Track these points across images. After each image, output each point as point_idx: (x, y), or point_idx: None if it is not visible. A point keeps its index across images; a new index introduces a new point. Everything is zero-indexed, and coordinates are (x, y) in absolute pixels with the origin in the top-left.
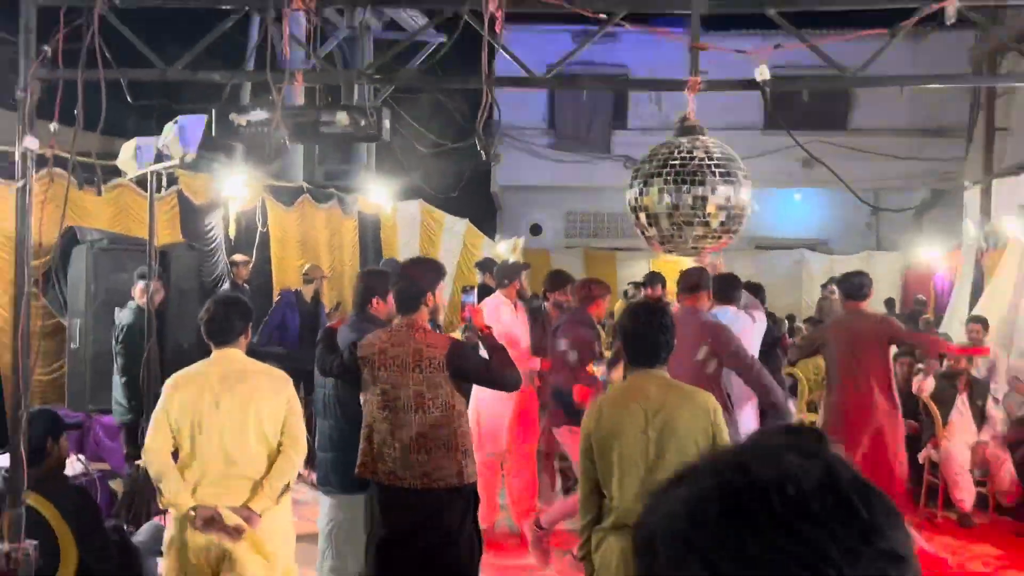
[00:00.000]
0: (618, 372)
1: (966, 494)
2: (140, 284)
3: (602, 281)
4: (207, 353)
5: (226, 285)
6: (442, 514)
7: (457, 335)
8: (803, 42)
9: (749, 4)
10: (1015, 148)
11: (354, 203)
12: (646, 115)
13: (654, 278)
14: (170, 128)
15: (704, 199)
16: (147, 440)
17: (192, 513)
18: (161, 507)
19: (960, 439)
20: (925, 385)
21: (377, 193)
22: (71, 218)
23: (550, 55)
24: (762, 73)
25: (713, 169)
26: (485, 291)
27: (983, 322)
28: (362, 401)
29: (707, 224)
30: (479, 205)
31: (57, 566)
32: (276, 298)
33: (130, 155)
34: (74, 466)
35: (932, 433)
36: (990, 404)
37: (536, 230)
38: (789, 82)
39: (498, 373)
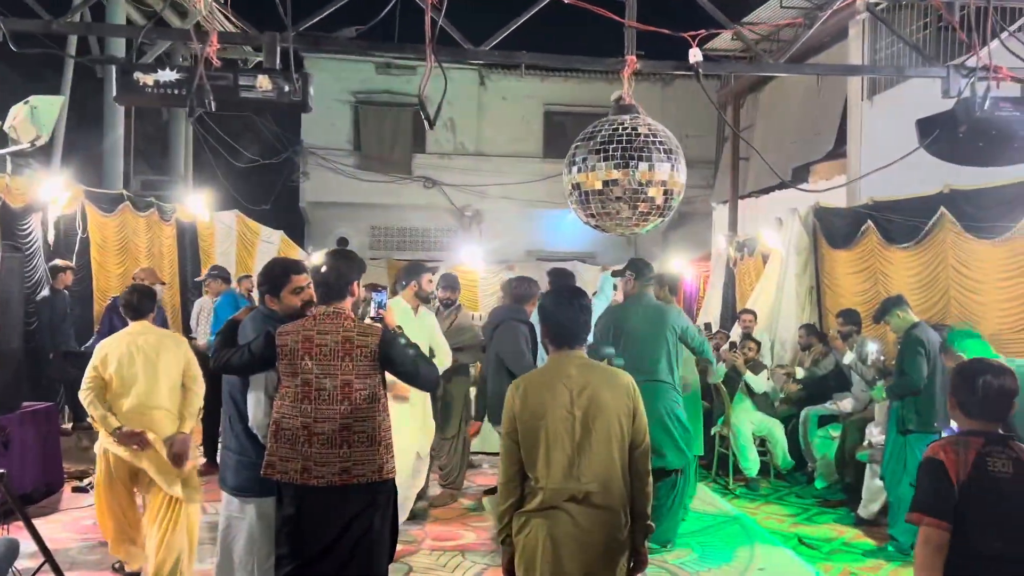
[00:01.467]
0: None
1: (751, 463)
2: None
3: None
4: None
5: (45, 291)
6: (362, 512)
7: None
8: (729, 28)
9: None
10: (755, 175)
11: (173, 211)
12: (443, 140)
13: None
14: (20, 109)
15: (649, 176)
16: (83, 383)
17: (119, 431)
18: (94, 427)
19: (744, 416)
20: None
21: (195, 202)
22: None
23: (354, 83)
24: (695, 56)
25: (658, 146)
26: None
27: (754, 313)
28: (254, 400)
29: (650, 201)
30: (289, 218)
31: None
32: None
33: None
34: None
35: (722, 412)
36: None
37: (343, 243)
38: (717, 65)
39: (423, 368)
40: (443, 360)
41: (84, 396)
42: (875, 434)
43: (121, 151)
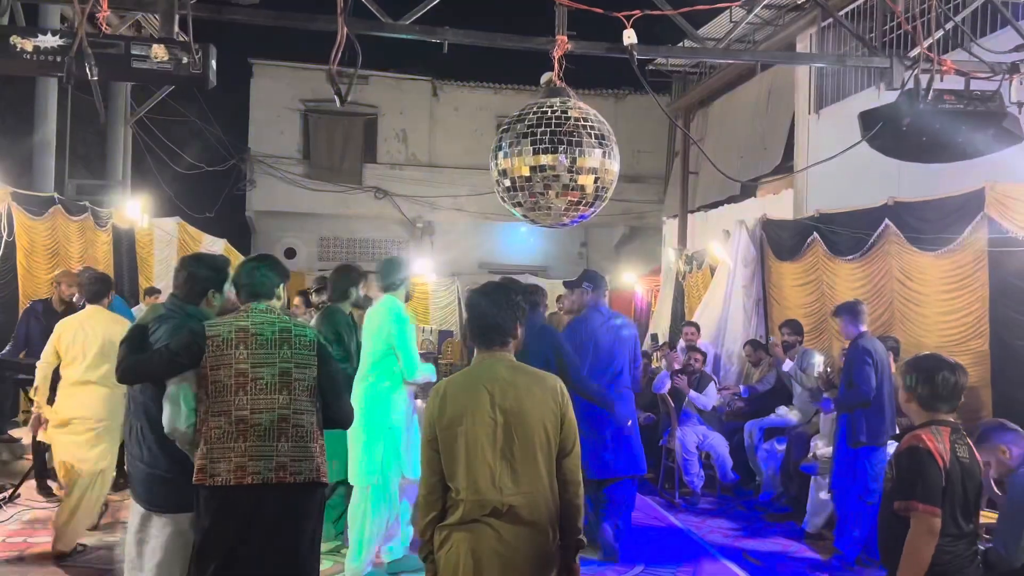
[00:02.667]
0: None
1: (695, 477)
2: None
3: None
4: None
5: None
6: (295, 513)
7: None
8: (665, 11)
9: None
10: (704, 189)
11: (109, 217)
12: (394, 151)
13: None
14: None
15: (577, 162)
16: (42, 357)
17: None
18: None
19: (689, 429)
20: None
21: (132, 208)
22: None
23: (304, 91)
24: (629, 37)
25: (589, 131)
26: None
27: (695, 325)
28: (172, 407)
29: (581, 189)
30: (234, 227)
31: None
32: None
33: None
34: None
35: (668, 424)
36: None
37: (290, 253)
38: (652, 49)
39: (347, 396)
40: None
41: (39, 370)
42: (820, 446)
43: (52, 151)
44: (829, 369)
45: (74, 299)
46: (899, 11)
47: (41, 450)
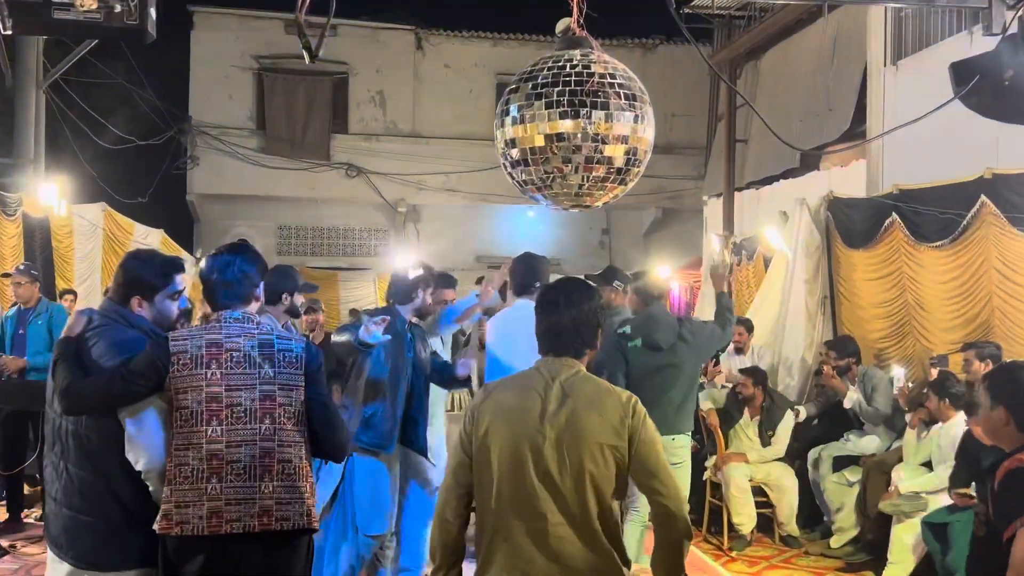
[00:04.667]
0: None
1: (745, 518)
2: None
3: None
4: None
5: None
6: (282, 567)
7: None
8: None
9: None
10: (755, 161)
11: (18, 204)
12: (369, 118)
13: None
14: None
15: (606, 129)
16: None
17: None
18: None
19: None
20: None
21: (47, 193)
22: None
23: (257, 45)
24: None
25: (617, 90)
26: None
27: (746, 323)
28: (146, 437)
29: (608, 162)
30: (172, 214)
31: None
32: None
33: None
34: None
35: (713, 451)
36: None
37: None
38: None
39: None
40: None
41: None
42: (903, 479)
43: None
44: (912, 383)
45: None
46: None
47: None
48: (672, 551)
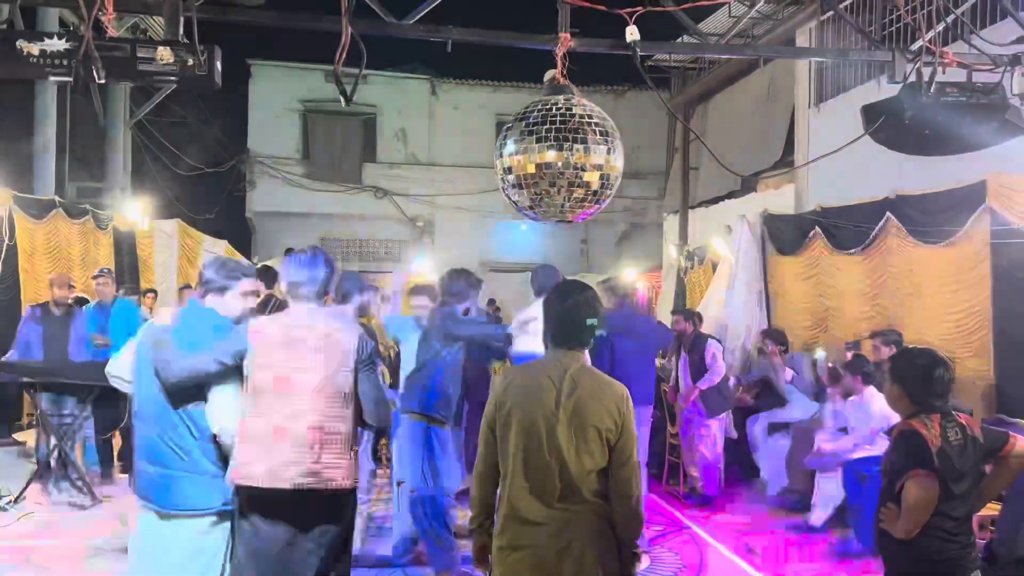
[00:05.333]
0: None
1: (698, 472)
2: None
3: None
4: None
5: None
6: (326, 520)
7: None
8: (667, 7)
9: None
10: (704, 184)
11: (109, 220)
12: (393, 150)
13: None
14: None
15: (584, 159)
16: None
17: None
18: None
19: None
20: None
21: (133, 210)
22: None
23: (302, 91)
24: (632, 34)
25: (594, 127)
26: None
27: (695, 317)
28: (220, 404)
29: (586, 186)
30: (234, 228)
31: None
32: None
33: None
34: None
35: (673, 419)
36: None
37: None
38: (655, 45)
39: (383, 400)
40: None
41: None
42: (824, 441)
43: (53, 155)
44: (831, 364)
45: (68, 301)
46: (900, 3)
47: (46, 454)
48: (631, 515)
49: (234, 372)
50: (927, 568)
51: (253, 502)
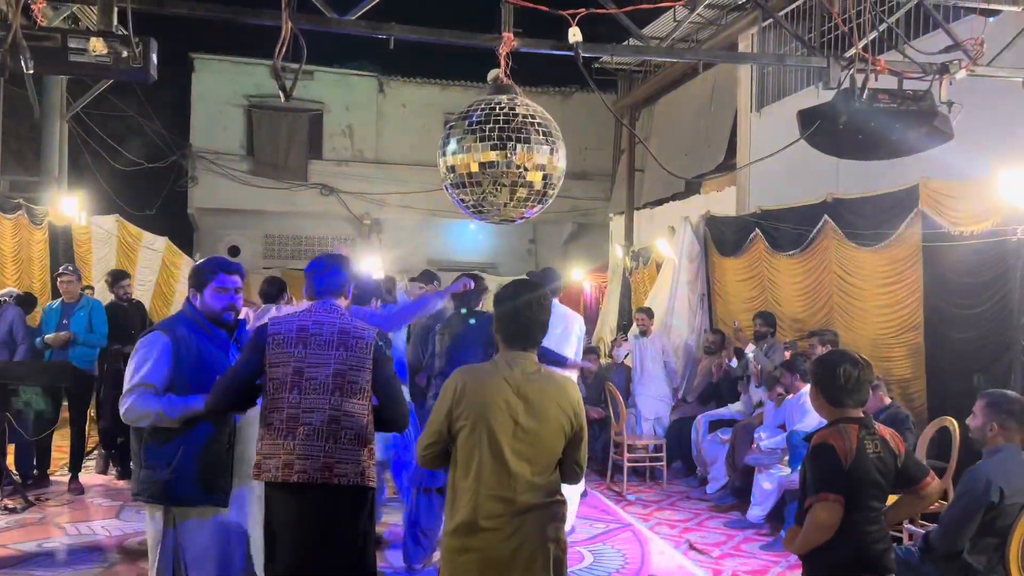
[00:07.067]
0: None
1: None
2: None
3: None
4: None
5: None
6: (341, 515)
7: None
8: (610, 9)
9: None
10: (649, 186)
11: (44, 215)
12: (340, 147)
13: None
14: None
15: (527, 158)
16: None
17: None
18: None
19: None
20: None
21: (69, 206)
22: None
23: (247, 86)
24: (574, 35)
25: (537, 127)
26: None
27: (647, 311)
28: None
29: (529, 186)
30: (176, 225)
31: None
32: None
33: None
34: None
35: (618, 417)
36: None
37: (235, 251)
38: (597, 47)
39: (401, 399)
40: None
41: None
42: (763, 438)
43: None
44: (758, 364)
45: None
46: (836, 12)
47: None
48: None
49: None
50: (844, 571)
51: (273, 496)
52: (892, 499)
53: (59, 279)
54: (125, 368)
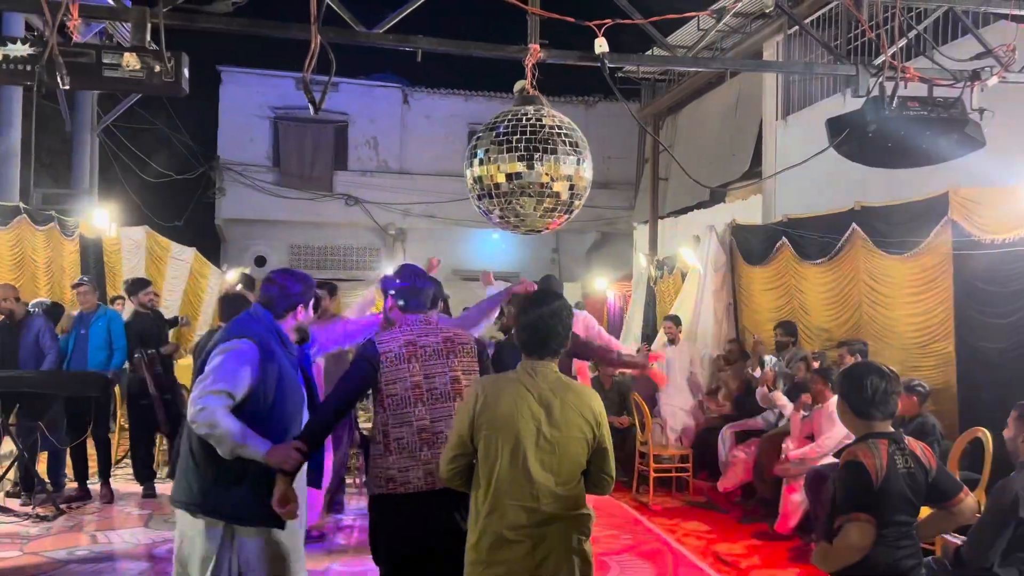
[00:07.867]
0: None
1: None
2: None
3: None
4: None
5: None
6: (459, 516)
7: None
8: (636, 20)
9: None
10: (673, 195)
11: (75, 226)
12: (365, 158)
13: None
14: None
15: (554, 169)
16: None
17: None
18: None
19: (664, 432)
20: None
21: (100, 217)
22: None
23: (273, 98)
24: (600, 46)
25: (564, 139)
26: None
27: (675, 319)
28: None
29: (556, 196)
30: (203, 235)
31: None
32: None
33: None
34: None
35: (643, 427)
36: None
37: (261, 261)
38: (623, 57)
39: None
40: None
41: None
42: (791, 449)
43: (17, 160)
44: (776, 368)
45: (13, 313)
46: (863, 19)
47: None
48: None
49: None
50: None
51: (409, 508)
52: (925, 511)
53: (77, 290)
54: (150, 375)
